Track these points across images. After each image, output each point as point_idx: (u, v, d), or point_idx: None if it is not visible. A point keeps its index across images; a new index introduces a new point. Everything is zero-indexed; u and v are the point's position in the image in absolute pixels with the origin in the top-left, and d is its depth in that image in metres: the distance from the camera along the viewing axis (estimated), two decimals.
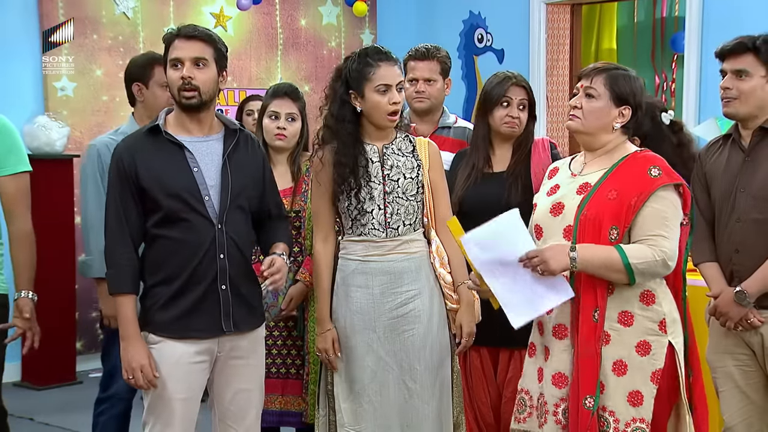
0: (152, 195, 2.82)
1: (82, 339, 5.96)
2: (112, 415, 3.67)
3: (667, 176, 2.71)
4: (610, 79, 2.76)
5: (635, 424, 2.69)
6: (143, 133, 2.91)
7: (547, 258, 2.64)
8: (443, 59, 3.85)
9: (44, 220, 3.41)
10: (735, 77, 3.10)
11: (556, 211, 2.79)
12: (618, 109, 2.77)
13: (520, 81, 3.43)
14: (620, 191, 2.70)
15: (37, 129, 5.61)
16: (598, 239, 2.69)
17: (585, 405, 2.67)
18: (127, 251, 2.85)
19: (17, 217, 3.20)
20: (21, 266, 3.21)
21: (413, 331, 3.09)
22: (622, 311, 2.72)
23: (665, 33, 7.66)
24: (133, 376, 2.81)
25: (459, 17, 7.07)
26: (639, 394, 2.69)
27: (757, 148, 3.12)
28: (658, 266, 2.67)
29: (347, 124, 3.08)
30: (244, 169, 2.93)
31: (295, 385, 3.55)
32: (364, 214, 3.08)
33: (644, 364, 2.70)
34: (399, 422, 3.08)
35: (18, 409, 3.58)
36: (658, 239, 2.66)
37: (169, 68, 2.86)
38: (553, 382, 2.78)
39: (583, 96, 2.79)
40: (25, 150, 3.29)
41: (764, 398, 3.18)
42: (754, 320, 3.07)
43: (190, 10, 6.47)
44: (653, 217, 2.68)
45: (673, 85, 7.58)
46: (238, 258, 2.91)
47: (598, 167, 2.80)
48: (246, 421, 3.00)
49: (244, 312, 2.93)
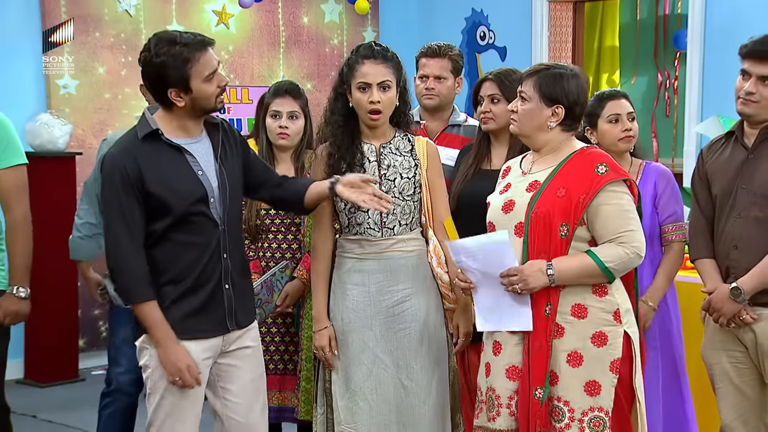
0: (162, 200, 2.77)
1: (85, 336, 5.97)
2: (116, 409, 3.69)
3: (614, 172, 2.77)
4: (539, 81, 2.83)
5: (593, 413, 2.75)
6: (138, 138, 2.81)
7: (527, 276, 2.74)
8: (455, 57, 3.85)
9: (46, 218, 3.44)
10: (760, 82, 3.06)
11: (507, 208, 2.86)
12: (550, 108, 2.82)
13: (493, 76, 3.43)
14: (569, 188, 2.76)
15: (40, 127, 5.61)
16: (549, 235, 2.76)
17: (535, 395, 2.75)
18: (141, 258, 2.79)
19: (14, 209, 3.25)
20: (15, 256, 3.24)
21: (409, 329, 3.09)
22: (575, 304, 2.77)
23: (668, 30, 7.65)
24: (180, 377, 2.79)
25: (461, 14, 7.07)
26: (596, 383, 2.74)
27: (761, 146, 3.12)
28: (633, 260, 2.76)
29: (339, 116, 3.09)
30: (233, 166, 2.93)
31: (293, 382, 3.57)
32: (360, 213, 3.08)
33: (601, 354, 2.75)
34: (395, 420, 3.09)
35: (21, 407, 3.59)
36: (627, 235, 2.74)
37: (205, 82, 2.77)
38: (507, 375, 2.84)
39: (519, 100, 2.87)
40: (21, 143, 3.33)
41: (759, 395, 3.19)
42: (746, 317, 3.08)
43: (193, 8, 6.47)
44: (615, 214, 2.75)
45: (675, 82, 7.56)
46: (237, 256, 2.93)
47: (545, 165, 2.87)
48: (254, 412, 2.99)
49: (243, 308, 2.95)
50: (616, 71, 8.00)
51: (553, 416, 2.77)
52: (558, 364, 2.76)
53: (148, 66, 2.77)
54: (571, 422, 2.75)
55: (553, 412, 2.77)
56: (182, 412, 2.85)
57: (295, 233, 3.52)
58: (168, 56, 2.72)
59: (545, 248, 2.77)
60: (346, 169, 3.06)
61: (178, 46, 2.73)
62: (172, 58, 2.72)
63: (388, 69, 3.06)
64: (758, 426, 3.20)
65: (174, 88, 2.74)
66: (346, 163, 3.07)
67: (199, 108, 2.81)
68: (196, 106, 2.80)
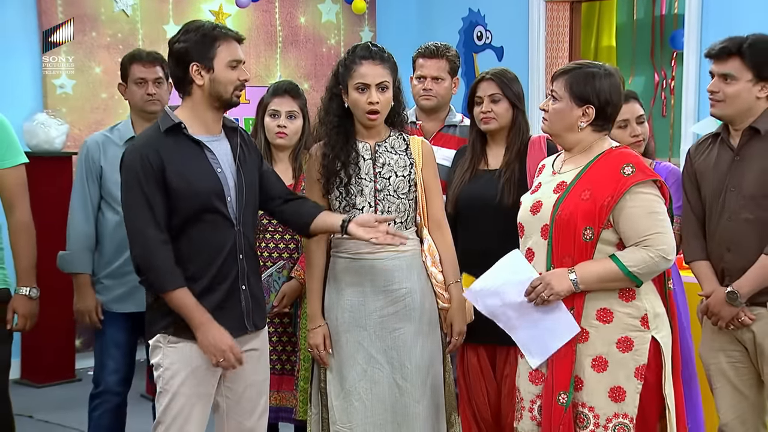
0: (180, 194, 2.78)
1: (82, 336, 5.96)
2: (106, 410, 3.68)
3: (641, 173, 2.72)
4: (570, 80, 2.79)
5: (617, 419, 2.72)
6: (160, 131, 2.83)
7: (550, 281, 2.71)
8: (452, 58, 3.85)
9: (43, 218, 3.43)
10: (721, 80, 3.11)
11: (535, 209, 2.83)
12: (581, 108, 2.79)
13: (491, 75, 3.41)
14: (593, 191, 2.72)
15: (36, 126, 5.61)
16: (573, 239, 2.72)
17: (558, 401, 2.71)
18: (168, 248, 2.78)
19: (17, 208, 3.26)
20: (20, 257, 3.25)
21: (404, 329, 3.09)
22: (600, 308, 2.74)
23: (664, 30, 7.65)
24: (224, 357, 2.78)
25: (458, 14, 7.06)
26: (621, 389, 2.71)
27: (746, 148, 3.13)
28: (659, 264, 2.69)
29: (333, 116, 3.09)
30: (250, 169, 2.95)
31: (290, 382, 3.58)
32: (355, 211, 3.07)
33: (626, 360, 2.72)
34: (390, 420, 3.09)
35: (17, 407, 3.58)
36: (653, 238, 2.68)
37: (227, 67, 2.83)
38: (529, 379, 2.83)
39: (549, 99, 2.84)
40: (20, 142, 3.34)
41: (757, 394, 3.19)
42: (745, 318, 3.08)
43: (189, 7, 6.46)
44: (640, 216, 2.70)
45: (672, 82, 7.57)
46: (252, 258, 2.95)
47: (574, 165, 2.83)
48: (255, 415, 3.00)
49: (258, 310, 2.97)
50: None
51: (578, 422, 2.73)
52: (583, 369, 2.73)
53: (176, 44, 2.83)
54: (596, 428, 2.72)
55: (578, 418, 2.73)
56: (192, 413, 2.85)
57: (292, 233, 3.52)
58: (198, 35, 2.80)
59: (569, 252, 2.73)
60: (340, 168, 3.06)
61: (210, 28, 2.81)
62: (202, 36, 2.80)
63: (386, 70, 3.06)
64: (756, 426, 3.20)
65: (197, 63, 2.79)
66: (341, 162, 3.07)
67: (215, 94, 2.82)
68: (213, 92, 2.82)
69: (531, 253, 2.84)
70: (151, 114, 3.65)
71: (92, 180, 3.62)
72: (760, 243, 3.05)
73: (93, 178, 3.62)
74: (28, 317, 3.29)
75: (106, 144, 3.65)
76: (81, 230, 3.63)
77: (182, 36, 2.82)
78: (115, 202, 3.56)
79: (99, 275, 3.66)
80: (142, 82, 3.66)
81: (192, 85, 2.82)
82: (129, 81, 3.69)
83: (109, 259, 3.64)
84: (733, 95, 3.09)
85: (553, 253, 2.75)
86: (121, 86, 3.75)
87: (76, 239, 3.63)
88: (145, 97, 3.65)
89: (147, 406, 3.85)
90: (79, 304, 3.64)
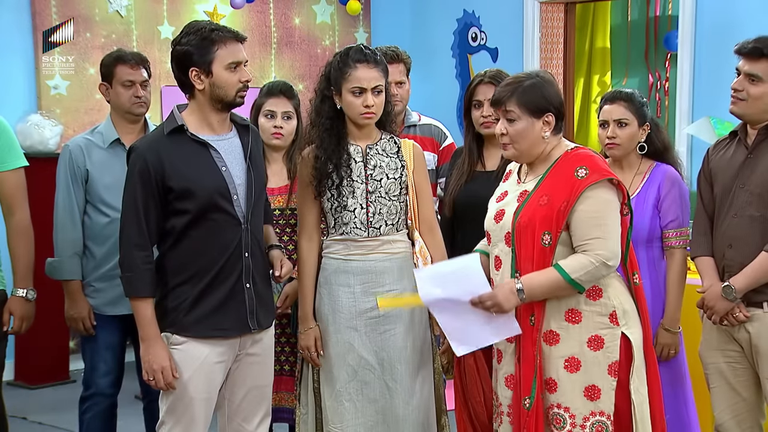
0: (182, 195, 2.79)
1: (75, 338, 5.93)
2: (97, 413, 3.67)
3: (595, 173, 2.71)
4: (522, 97, 2.77)
5: (594, 417, 2.72)
6: (164, 133, 2.84)
7: (500, 301, 2.70)
8: (407, 60, 3.87)
9: (36, 219, 3.42)
10: (747, 80, 3.10)
11: (498, 217, 2.85)
12: (540, 119, 2.78)
13: (491, 79, 3.38)
14: (551, 196, 2.73)
15: (30, 127, 5.60)
16: (532, 244, 2.73)
17: (524, 405, 2.73)
18: (145, 254, 2.82)
19: (16, 211, 3.27)
20: (19, 259, 3.25)
21: (394, 330, 3.10)
22: (568, 309, 2.75)
23: (659, 32, 7.66)
24: (154, 377, 2.80)
25: (453, 16, 7.07)
26: (596, 388, 2.72)
27: (760, 146, 3.14)
28: (599, 270, 2.69)
29: (325, 119, 3.09)
30: (259, 166, 2.96)
31: (288, 382, 3.57)
32: (346, 213, 3.08)
33: (599, 359, 2.73)
34: (381, 421, 3.10)
35: (11, 409, 3.58)
36: (592, 243, 2.69)
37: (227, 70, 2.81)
38: (505, 384, 2.86)
39: (505, 122, 2.81)
40: (19, 145, 3.33)
41: (754, 394, 3.20)
42: (739, 315, 3.08)
43: (184, 8, 6.46)
44: (584, 220, 2.70)
45: (666, 84, 7.58)
46: (259, 256, 2.94)
47: (535, 175, 2.84)
48: (256, 419, 3.01)
49: (264, 309, 2.97)
50: (607, 73, 8.02)
51: (554, 424, 2.74)
52: (556, 370, 2.74)
53: (176, 46, 2.83)
54: (572, 428, 2.73)
55: (554, 419, 2.74)
56: (195, 413, 2.86)
57: (291, 234, 3.51)
58: (197, 37, 2.79)
59: (530, 257, 2.74)
60: (332, 169, 3.06)
61: (209, 31, 2.80)
62: (200, 39, 2.78)
63: (380, 73, 3.06)
64: (753, 426, 3.21)
65: (195, 68, 2.79)
66: (333, 164, 3.07)
67: (217, 97, 2.82)
68: (214, 95, 2.82)
69: (498, 261, 2.85)
70: (137, 116, 3.64)
71: (77, 184, 3.59)
72: (762, 240, 3.06)
73: (78, 183, 3.59)
74: (24, 319, 3.29)
75: (90, 147, 3.62)
76: (69, 236, 3.60)
77: (182, 38, 2.82)
78: (104, 204, 3.55)
79: (89, 279, 3.63)
80: (130, 84, 3.61)
81: (194, 88, 2.84)
82: (114, 82, 3.62)
83: (99, 263, 3.61)
84: (756, 96, 3.08)
85: (516, 260, 2.77)
86: (103, 86, 3.68)
87: (64, 246, 3.60)
88: (133, 99, 3.61)
89: (140, 408, 3.83)
90: (71, 311, 3.62)
